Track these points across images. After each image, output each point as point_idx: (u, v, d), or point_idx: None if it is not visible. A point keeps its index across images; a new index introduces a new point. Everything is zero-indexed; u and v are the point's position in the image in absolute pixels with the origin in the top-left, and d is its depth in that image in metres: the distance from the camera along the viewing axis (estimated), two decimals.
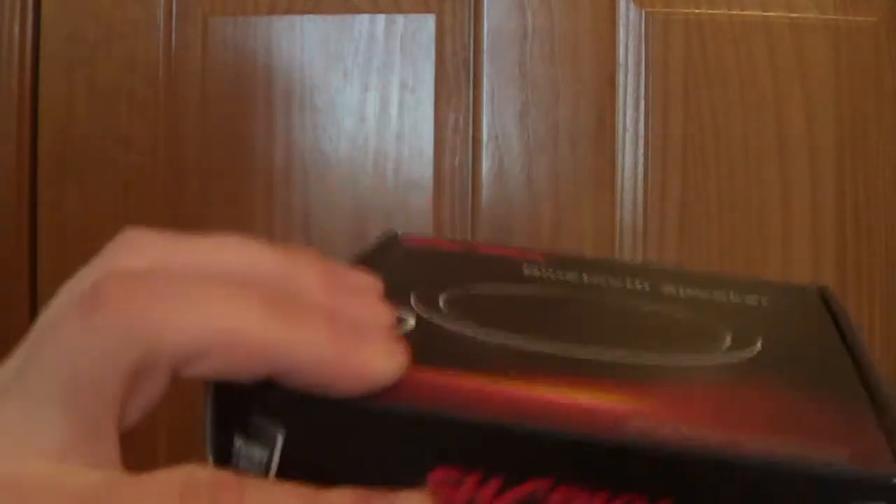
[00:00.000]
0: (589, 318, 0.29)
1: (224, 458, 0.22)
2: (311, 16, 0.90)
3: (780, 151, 0.88)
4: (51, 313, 0.25)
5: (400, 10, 0.90)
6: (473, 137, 0.89)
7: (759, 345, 0.26)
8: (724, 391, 0.24)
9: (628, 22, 0.88)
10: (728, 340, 0.26)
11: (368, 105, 0.90)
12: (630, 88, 0.89)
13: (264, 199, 0.90)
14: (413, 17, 0.89)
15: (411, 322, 0.26)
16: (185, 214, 0.90)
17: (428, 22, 0.89)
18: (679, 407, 0.22)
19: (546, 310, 0.29)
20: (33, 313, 0.91)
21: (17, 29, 0.90)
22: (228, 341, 0.21)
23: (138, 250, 0.25)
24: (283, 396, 0.22)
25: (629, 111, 0.89)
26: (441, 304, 0.27)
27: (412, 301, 0.27)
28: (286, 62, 0.90)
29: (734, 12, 0.88)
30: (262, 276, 0.25)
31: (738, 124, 0.88)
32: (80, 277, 0.26)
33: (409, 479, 0.21)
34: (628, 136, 0.89)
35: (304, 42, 0.90)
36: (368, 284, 0.25)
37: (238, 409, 0.22)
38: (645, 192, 0.89)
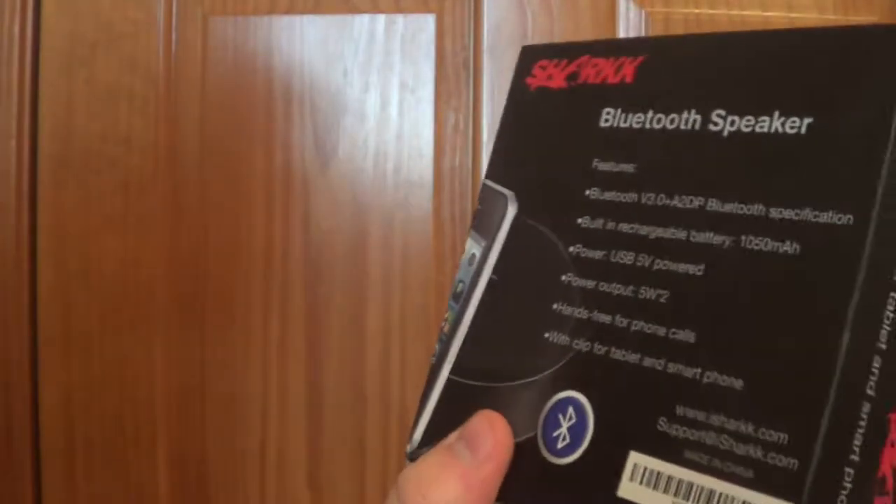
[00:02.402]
0: None
1: None
2: (311, 16, 0.90)
3: None
4: None
5: (400, 10, 0.90)
6: (473, 137, 0.89)
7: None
8: None
9: (628, 22, 0.88)
10: None
11: (368, 105, 0.90)
12: None
13: (264, 199, 0.90)
14: (413, 17, 0.89)
15: None
16: (185, 214, 0.90)
17: (428, 22, 0.89)
18: None
19: None
20: (33, 313, 0.91)
21: (17, 29, 0.90)
22: None
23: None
24: None
25: None
26: None
27: None
28: (286, 62, 0.90)
29: (734, 12, 0.88)
30: None
31: None
32: None
33: None
34: None
35: (304, 42, 0.90)
36: None
37: None
38: None
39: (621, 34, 0.88)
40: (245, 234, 0.90)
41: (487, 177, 0.34)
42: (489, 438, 0.28)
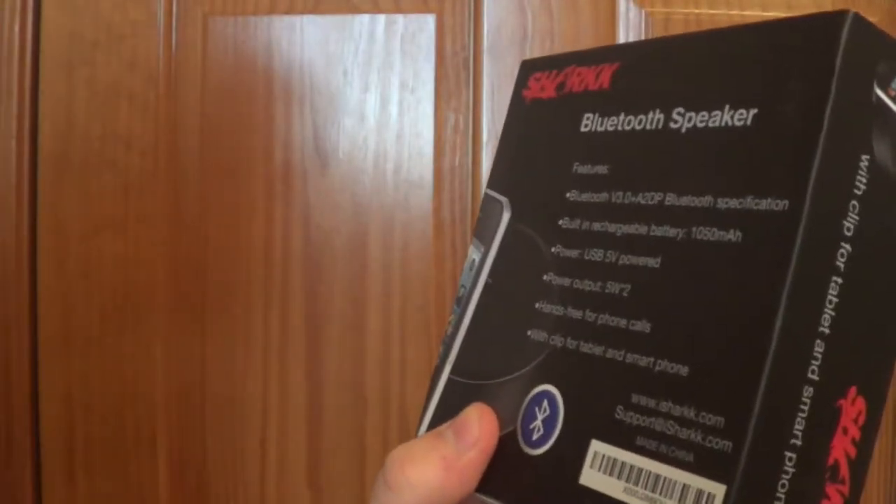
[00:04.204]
0: None
1: None
2: (311, 16, 0.90)
3: None
4: None
5: (400, 10, 0.90)
6: (473, 137, 0.89)
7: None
8: None
9: (628, 22, 0.88)
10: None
11: (368, 105, 0.90)
12: None
13: (264, 199, 0.90)
14: (413, 17, 0.89)
15: None
16: (185, 214, 0.90)
17: (428, 22, 0.89)
18: None
19: None
20: (33, 313, 0.91)
21: (17, 29, 0.90)
22: None
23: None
24: None
25: None
26: None
27: None
28: (286, 62, 0.90)
29: (734, 12, 0.88)
30: None
31: None
32: None
33: None
34: None
35: (304, 42, 0.90)
36: None
37: None
38: None
39: (621, 34, 0.88)
40: (245, 234, 0.90)
41: (488, 186, 0.35)
42: (475, 428, 0.29)
